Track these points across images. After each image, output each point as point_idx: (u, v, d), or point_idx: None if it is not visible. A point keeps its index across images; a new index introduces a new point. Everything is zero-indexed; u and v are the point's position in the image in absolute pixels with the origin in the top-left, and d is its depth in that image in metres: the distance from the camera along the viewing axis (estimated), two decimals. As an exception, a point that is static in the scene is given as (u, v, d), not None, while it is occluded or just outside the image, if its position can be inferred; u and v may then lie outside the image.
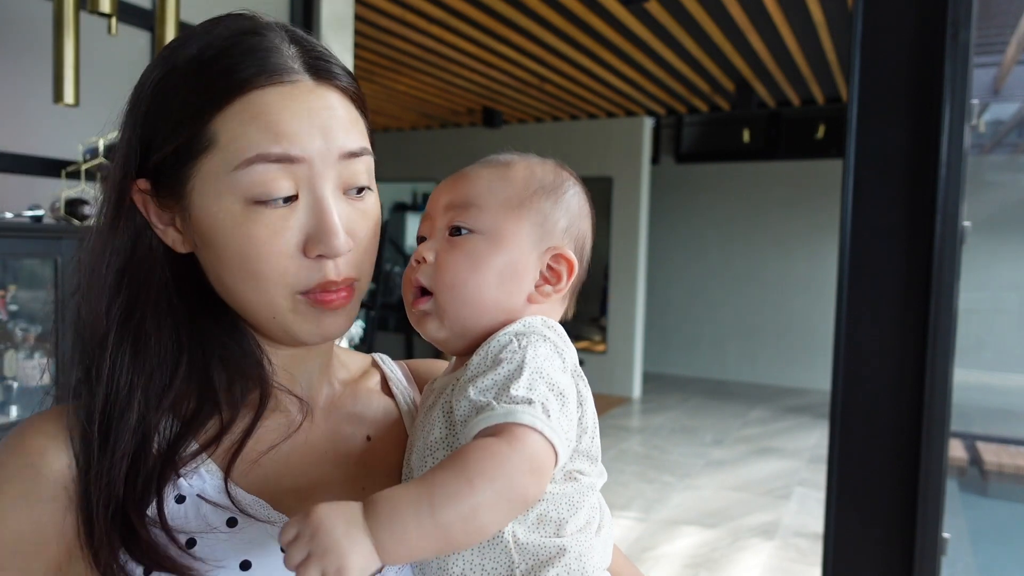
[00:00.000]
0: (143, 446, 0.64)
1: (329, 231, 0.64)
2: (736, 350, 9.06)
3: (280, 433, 0.70)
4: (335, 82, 0.68)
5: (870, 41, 1.56)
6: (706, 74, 6.02)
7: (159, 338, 0.67)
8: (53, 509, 0.62)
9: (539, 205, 0.74)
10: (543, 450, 0.59)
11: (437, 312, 0.72)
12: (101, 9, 2.01)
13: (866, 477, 1.61)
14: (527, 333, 0.67)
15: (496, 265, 0.72)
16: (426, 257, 0.73)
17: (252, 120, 0.63)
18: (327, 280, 0.66)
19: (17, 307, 2.24)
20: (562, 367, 0.66)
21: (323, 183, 0.65)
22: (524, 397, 0.60)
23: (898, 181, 1.56)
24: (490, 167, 0.76)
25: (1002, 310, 4.27)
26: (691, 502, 4.80)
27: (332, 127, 0.65)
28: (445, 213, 0.74)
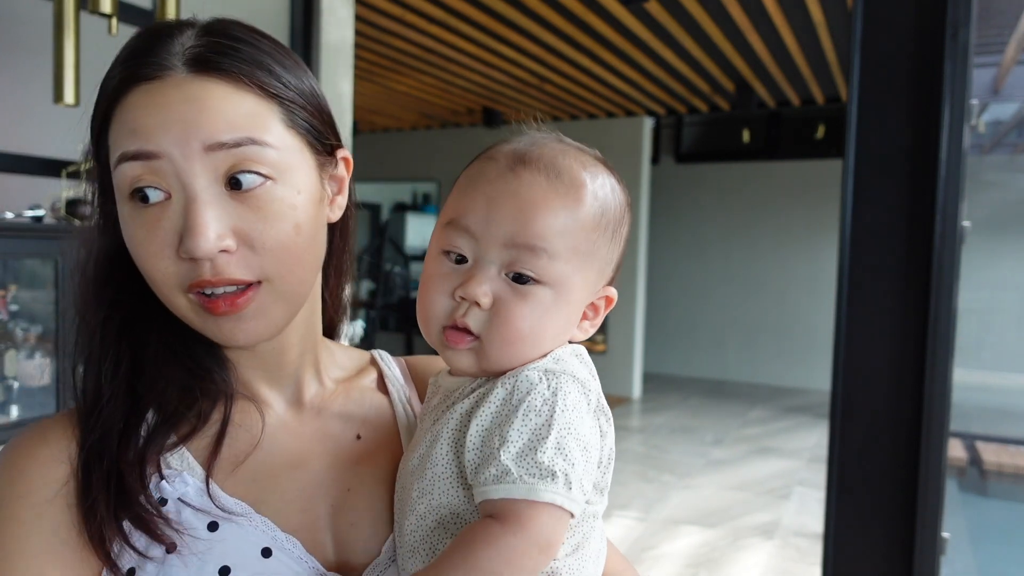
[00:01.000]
0: (133, 424, 0.65)
1: (190, 231, 0.61)
2: (736, 350, 9.06)
3: (257, 434, 0.70)
4: (218, 71, 0.64)
5: (870, 41, 1.56)
6: (706, 74, 6.02)
7: (139, 334, 0.68)
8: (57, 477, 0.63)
9: (604, 248, 0.69)
10: (557, 522, 0.59)
11: (480, 354, 0.66)
12: (101, 9, 2.01)
13: (866, 477, 1.61)
14: (557, 373, 0.63)
15: (559, 319, 0.67)
16: (481, 302, 0.64)
17: (120, 122, 0.63)
18: (200, 280, 0.63)
19: (18, 307, 2.24)
20: (587, 409, 0.63)
21: (190, 179, 0.62)
22: (548, 468, 0.58)
23: (898, 181, 1.56)
24: (559, 193, 0.66)
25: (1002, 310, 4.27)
26: (691, 502, 4.80)
27: (193, 119, 0.62)
28: (506, 249, 0.65)
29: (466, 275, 0.65)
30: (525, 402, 0.61)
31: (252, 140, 0.63)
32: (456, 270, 0.66)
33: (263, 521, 0.66)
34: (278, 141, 0.65)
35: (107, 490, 0.61)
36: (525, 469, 0.58)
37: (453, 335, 0.66)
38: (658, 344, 9.16)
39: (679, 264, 9.24)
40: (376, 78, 6.16)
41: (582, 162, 0.69)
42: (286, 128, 0.66)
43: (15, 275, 2.27)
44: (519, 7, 4.41)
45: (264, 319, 0.66)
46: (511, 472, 0.58)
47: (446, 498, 0.64)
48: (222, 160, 0.63)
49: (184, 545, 0.62)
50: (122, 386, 0.66)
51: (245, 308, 0.64)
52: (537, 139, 0.70)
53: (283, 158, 0.65)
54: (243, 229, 0.63)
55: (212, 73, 0.63)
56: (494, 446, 0.60)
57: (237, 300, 0.64)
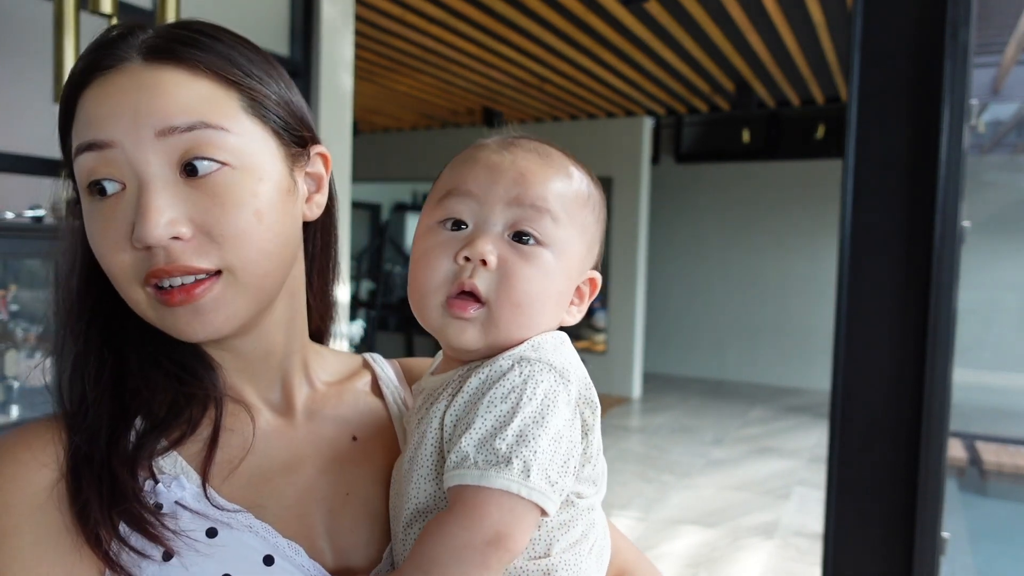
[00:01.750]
0: (120, 430, 0.63)
1: (140, 218, 0.60)
2: (736, 350, 9.06)
3: (252, 437, 0.68)
4: (177, 59, 0.63)
5: (870, 41, 1.56)
6: (706, 74, 6.02)
7: (122, 339, 0.67)
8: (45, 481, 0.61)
9: (592, 226, 0.70)
10: (511, 514, 0.57)
11: (486, 323, 0.64)
12: (101, 9, 2.01)
13: (866, 477, 1.61)
14: (532, 360, 0.61)
15: (560, 286, 0.67)
16: (488, 260, 0.63)
17: (79, 114, 0.63)
18: (154, 268, 0.61)
19: (18, 307, 2.24)
20: (565, 400, 0.61)
21: (142, 166, 0.61)
22: (504, 455, 0.56)
23: (898, 181, 1.56)
24: (551, 166, 0.68)
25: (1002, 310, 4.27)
26: (691, 502, 4.81)
27: (145, 104, 0.61)
28: (508, 208, 0.65)
29: (468, 238, 0.64)
30: (493, 388, 0.60)
31: (206, 124, 0.62)
32: (455, 236, 0.65)
33: (263, 527, 0.64)
34: (236, 127, 0.63)
35: (99, 490, 0.60)
36: (483, 456, 0.57)
37: (458, 303, 0.64)
38: (658, 344, 9.16)
39: (679, 264, 9.24)
40: (376, 78, 6.16)
41: (563, 153, 0.71)
42: (247, 115, 0.65)
43: (15, 275, 2.27)
44: (519, 7, 4.41)
45: (223, 311, 0.63)
46: (468, 458, 0.57)
47: (433, 500, 0.63)
48: (174, 146, 0.61)
49: (185, 548, 0.60)
50: (107, 390, 0.64)
51: (202, 298, 0.62)
52: (517, 135, 0.72)
53: (242, 144, 0.63)
54: (199, 216, 0.61)
55: (167, 61, 0.62)
56: (459, 432, 0.59)
57: (193, 290, 0.62)
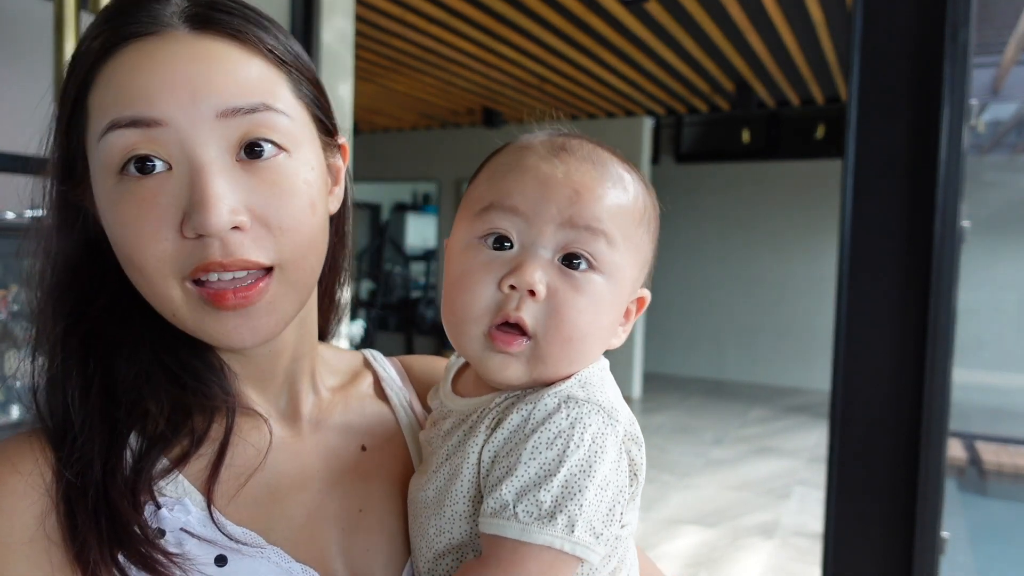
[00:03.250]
0: (115, 455, 0.56)
1: (201, 203, 0.53)
2: (736, 350, 9.06)
3: (258, 452, 0.62)
4: (225, 31, 0.57)
5: (870, 41, 1.56)
6: (706, 74, 6.02)
7: (108, 346, 0.59)
8: (32, 513, 0.54)
9: (646, 241, 0.64)
10: (557, 565, 0.54)
11: (532, 359, 0.58)
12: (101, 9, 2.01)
13: (865, 477, 1.61)
14: (580, 401, 0.56)
15: (612, 315, 0.61)
16: (538, 291, 0.57)
17: (111, 83, 0.55)
18: (207, 261, 0.54)
19: (18, 307, 2.24)
20: (613, 443, 0.56)
21: (199, 148, 0.54)
22: (549, 509, 0.52)
23: (898, 181, 1.56)
24: (607, 179, 0.61)
25: (1002, 310, 4.27)
26: (691, 502, 4.80)
27: (204, 81, 0.54)
28: (561, 229, 0.58)
29: (515, 261, 0.58)
30: (538, 432, 0.55)
31: (267, 106, 0.57)
32: (499, 258, 0.59)
33: (276, 552, 0.58)
34: (291, 111, 0.59)
35: (97, 528, 0.53)
36: (523, 506, 0.53)
37: (503, 337, 0.58)
38: (658, 344, 9.15)
39: (679, 264, 9.24)
40: (376, 78, 6.16)
41: (618, 158, 0.65)
42: (295, 98, 0.60)
43: (15, 275, 2.27)
44: (519, 7, 4.41)
45: (275, 315, 0.58)
46: (508, 507, 0.53)
47: (468, 536, 0.58)
48: (234, 127, 0.55)
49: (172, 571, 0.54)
50: (95, 411, 0.57)
51: (258, 301, 0.56)
52: (564, 132, 0.65)
53: (296, 129, 0.59)
54: (258, 205, 0.56)
55: (216, 32, 0.56)
56: (499, 476, 0.55)
57: (250, 292, 0.56)
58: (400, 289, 9.20)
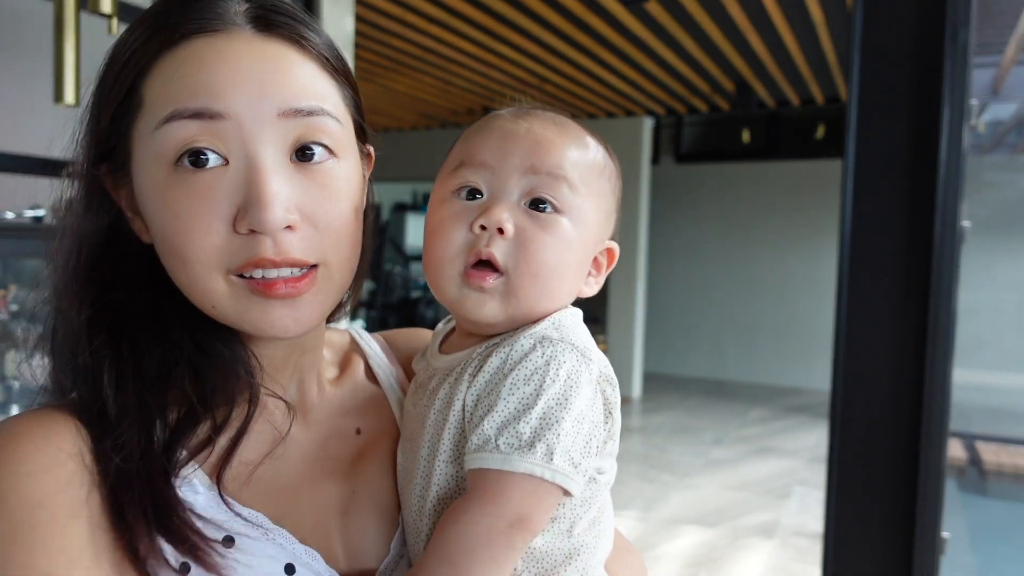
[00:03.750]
0: (152, 441, 0.57)
1: (258, 200, 0.55)
2: (736, 350, 9.06)
3: (268, 440, 0.63)
4: (286, 33, 0.59)
5: (870, 41, 1.56)
6: (706, 74, 6.02)
7: (137, 333, 0.60)
8: (75, 482, 0.53)
9: (608, 196, 0.68)
10: (534, 496, 0.56)
11: (505, 294, 0.62)
12: (101, 9, 2.01)
13: (866, 477, 1.61)
14: (554, 340, 0.60)
15: (578, 255, 0.65)
16: (505, 228, 0.61)
17: (174, 75, 0.56)
18: (259, 258, 0.56)
19: (18, 307, 2.24)
20: (587, 379, 0.60)
21: (258, 145, 0.56)
22: (528, 439, 0.56)
23: (898, 181, 1.56)
24: (567, 135, 0.66)
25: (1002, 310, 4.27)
26: (691, 502, 4.80)
27: (270, 80, 0.56)
28: (524, 176, 0.63)
29: (484, 206, 0.63)
30: (516, 370, 0.58)
31: (324, 111, 0.59)
32: (470, 206, 0.64)
33: (281, 533, 0.60)
34: (340, 115, 0.61)
35: (144, 514, 0.54)
36: (505, 439, 0.56)
37: (476, 273, 0.62)
38: (658, 344, 9.15)
39: (679, 264, 9.24)
40: (376, 78, 6.16)
41: (578, 124, 0.70)
42: (343, 103, 0.63)
43: (15, 275, 2.27)
44: (519, 7, 4.41)
45: (318, 308, 0.60)
46: (491, 440, 0.57)
47: (456, 481, 0.62)
48: (292, 128, 0.57)
49: (213, 556, 0.55)
50: (132, 398, 0.57)
51: (304, 293, 0.58)
52: (530, 107, 0.70)
53: (346, 136, 0.62)
54: (309, 205, 0.58)
55: (279, 35, 0.59)
56: (481, 414, 0.58)
57: (299, 283, 0.58)
58: (400, 289, 9.19)
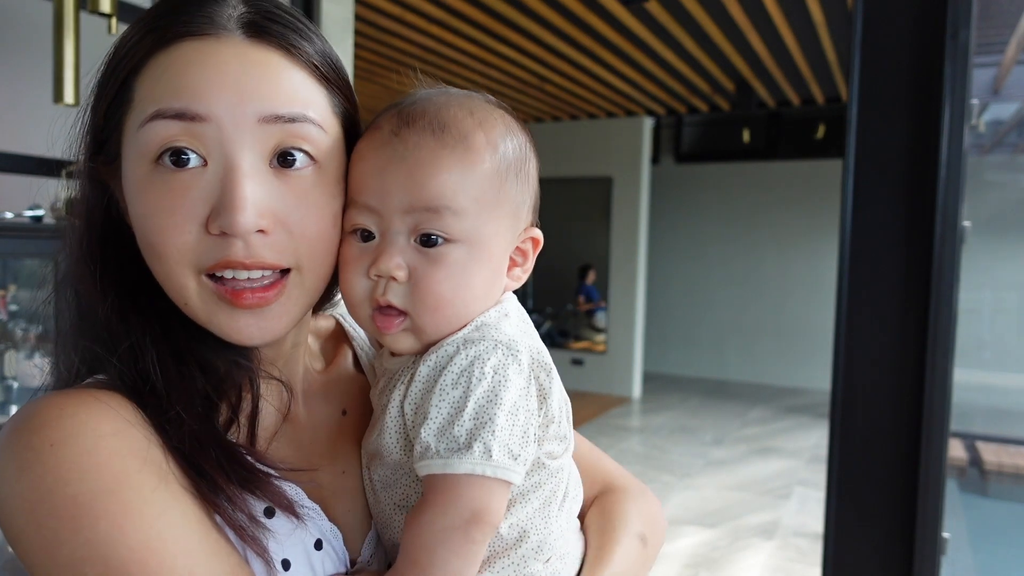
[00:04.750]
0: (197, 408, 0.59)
1: (230, 203, 0.55)
2: (736, 350, 9.06)
3: (270, 422, 0.66)
4: (277, 42, 0.60)
5: (870, 41, 1.56)
6: (706, 74, 6.02)
7: (164, 316, 0.62)
8: (153, 445, 0.55)
9: (511, 193, 0.66)
10: (482, 491, 0.58)
11: (415, 330, 0.64)
12: (101, 9, 2.01)
13: (866, 477, 1.61)
14: (475, 340, 0.61)
15: (482, 275, 0.64)
16: (397, 276, 0.62)
17: (162, 74, 0.57)
18: (228, 259, 0.56)
19: (17, 307, 2.24)
20: (516, 371, 0.61)
21: (236, 149, 0.57)
22: (465, 441, 0.58)
23: (898, 181, 1.56)
24: (447, 146, 0.62)
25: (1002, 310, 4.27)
26: (691, 502, 4.80)
27: (252, 86, 0.57)
28: (407, 215, 0.62)
29: (376, 251, 0.63)
30: (442, 376, 0.60)
31: (307, 118, 0.59)
32: (365, 249, 0.64)
33: (314, 508, 0.62)
34: (329, 127, 0.62)
35: (221, 468, 0.56)
36: (444, 444, 0.58)
37: (382, 320, 0.63)
38: (658, 344, 9.15)
39: (679, 264, 9.24)
40: (376, 78, 6.16)
41: (469, 109, 0.65)
42: (331, 111, 0.63)
43: (15, 275, 2.27)
44: (519, 7, 4.41)
45: (286, 316, 0.61)
46: (431, 448, 0.59)
47: (404, 485, 0.64)
48: (272, 134, 0.58)
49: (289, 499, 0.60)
50: (174, 373, 0.59)
51: (273, 303, 0.59)
52: (420, 96, 0.67)
53: (331, 144, 0.62)
54: (283, 211, 0.58)
55: (269, 42, 0.59)
56: (418, 423, 0.60)
57: (267, 293, 0.59)
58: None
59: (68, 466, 0.51)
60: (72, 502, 0.50)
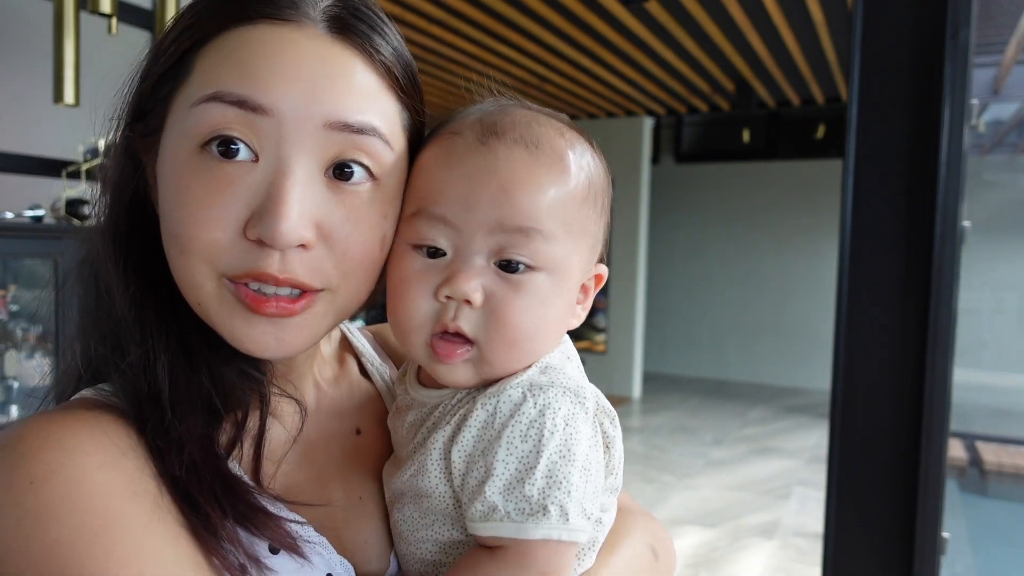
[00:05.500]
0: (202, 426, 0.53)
1: (275, 209, 0.50)
2: (736, 350, 9.06)
3: (280, 442, 0.60)
4: (360, 42, 0.55)
5: (870, 41, 1.56)
6: (706, 74, 6.02)
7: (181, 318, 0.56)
8: (145, 476, 0.50)
9: (594, 223, 0.61)
10: (556, 555, 0.54)
11: (479, 362, 0.57)
12: (101, 9, 2.01)
13: (866, 477, 1.61)
14: (544, 386, 0.55)
15: (559, 309, 0.59)
16: (473, 299, 0.55)
17: (230, 53, 0.52)
18: (259, 271, 0.51)
19: (17, 307, 2.24)
20: (585, 420, 0.55)
21: (293, 151, 0.52)
22: (539, 502, 0.52)
23: (898, 181, 1.56)
24: (542, 164, 0.57)
25: (1002, 310, 4.27)
26: (691, 502, 4.80)
27: (324, 86, 0.52)
28: (492, 235, 0.55)
29: (448, 270, 0.56)
30: (509, 426, 0.54)
31: (376, 131, 0.54)
32: (433, 266, 0.57)
33: (322, 541, 0.57)
34: (396, 144, 0.57)
35: (217, 501, 0.51)
36: (513, 504, 0.52)
37: (444, 347, 0.56)
38: (658, 344, 9.16)
39: (679, 264, 9.24)
40: (376, 78, 6.16)
41: (558, 129, 0.60)
42: (401, 127, 0.58)
43: (15, 275, 2.27)
44: (519, 7, 4.41)
45: (306, 332, 0.55)
46: (498, 509, 0.53)
47: (442, 528, 0.59)
48: (336, 143, 0.53)
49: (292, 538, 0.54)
50: (183, 383, 0.54)
51: (298, 315, 0.54)
52: (502, 106, 0.62)
53: (393, 162, 0.56)
54: (329, 226, 0.53)
55: (351, 40, 0.54)
56: (478, 478, 0.54)
57: (293, 305, 0.53)
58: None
59: (49, 506, 0.46)
60: (54, 546, 0.45)
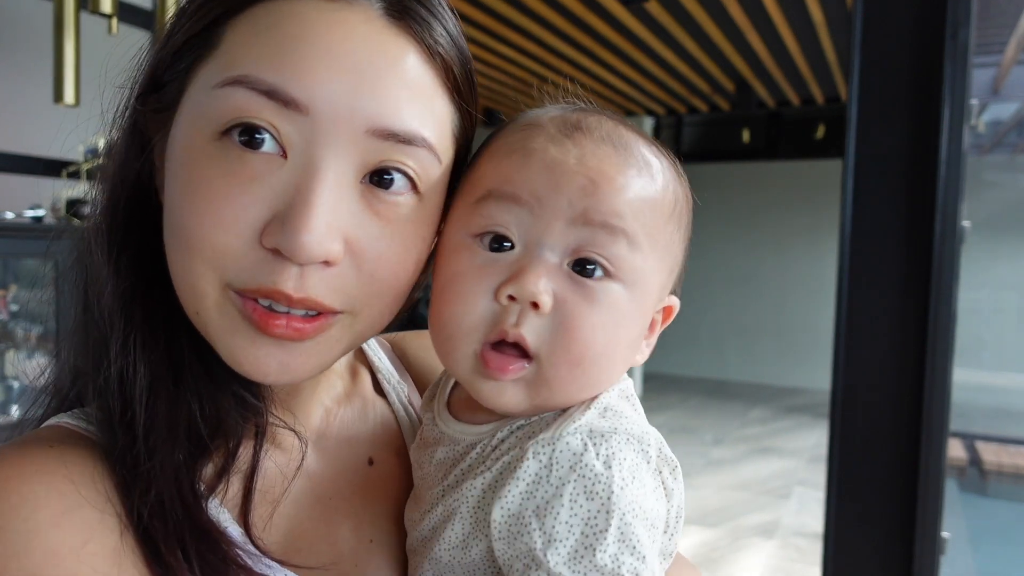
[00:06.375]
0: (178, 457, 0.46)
1: (299, 217, 0.43)
2: (736, 350, 9.06)
3: (279, 472, 0.53)
4: (417, 32, 0.47)
5: (870, 41, 1.56)
6: (706, 74, 6.02)
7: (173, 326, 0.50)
8: (106, 526, 0.43)
9: (677, 240, 0.54)
10: None
11: (535, 383, 0.48)
12: (101, 9, 2.01)
13: (866, 477, 1.61)
14: (607, 434, 0.46)
15: (633, 332, 0.51)
16: (542, 302, 0.46)
17: (265, 29, 0.44)
18: (271, 288, 0.44)
19: (18, 307, 2.24)
20: (648, 471, 0.47)
21: (327, 152, 0.44)
22: (613, 571, 0.44)
23: (898, 181, 1.56)
24: (632, 165, 0.50)
25: (1002, 310, 4.27)
26: (691, 502, 4.80)
27: (373, 82, 0.44)
28: (572, 227, 0.47)
29: (516, 266, 0.47)
30: (570, 482, 0.45)
31: (425, 142, 0.47)
32: (496, 261, 0.48)
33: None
34: (443, 153, 0.49)
35: (183, 552, 0.44)
36: (583, 573, 0.44)
37: (498, 359, 0.47)
38: (658, 344, 9.06)
39: (679, 264, 9.25)
40: (376, 78, 6.17)
41: (645, 139, 0.53)
42: (452, 136, 0.51)
43: (15, 275, 2.27)
44: (519, 7, 4.41)
45: (316, 358, 0.48)
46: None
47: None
48: (378, 150, 0.45)
49: None
50: (163, 408, 0.47)
51: (309, 338, 0.46)
52: (582, 108, 0.54)
53: (439, 174, 0.49)
54: (358, 241, 0.45)
55: (409, 28, 0.47)
56: (534, 544, 0.45)
57: (305, 326, 0.45)
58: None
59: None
60: None
